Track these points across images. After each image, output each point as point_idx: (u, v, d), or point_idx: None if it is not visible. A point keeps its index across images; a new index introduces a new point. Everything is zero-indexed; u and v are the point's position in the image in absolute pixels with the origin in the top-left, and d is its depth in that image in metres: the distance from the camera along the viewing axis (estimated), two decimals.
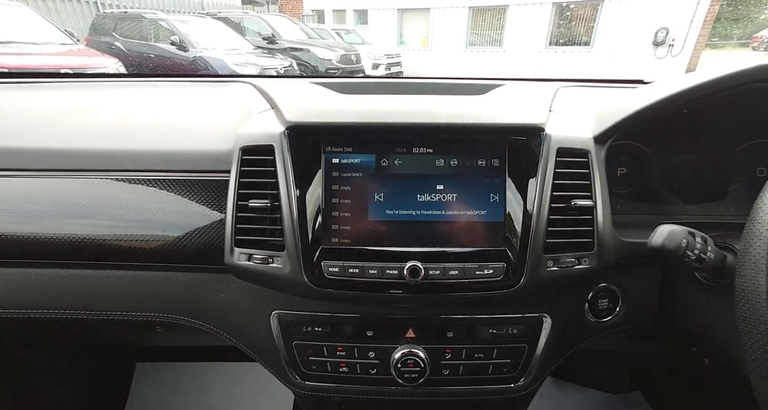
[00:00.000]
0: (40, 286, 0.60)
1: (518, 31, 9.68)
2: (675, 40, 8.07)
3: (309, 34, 8.32)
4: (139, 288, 0.59)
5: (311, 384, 0.59)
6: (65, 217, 0.56)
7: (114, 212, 0.56)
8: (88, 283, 0.59)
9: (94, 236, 0.56)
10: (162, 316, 0.61)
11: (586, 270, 0.52)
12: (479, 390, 0.59)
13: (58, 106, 0.73)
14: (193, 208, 0.56)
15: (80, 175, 0.57)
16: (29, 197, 0.57)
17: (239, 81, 0.77)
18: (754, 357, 0.34)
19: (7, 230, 0.56)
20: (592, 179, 0.52)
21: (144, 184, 0.57)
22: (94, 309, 0.60)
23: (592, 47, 9.05)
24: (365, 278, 0.51)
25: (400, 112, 0.54)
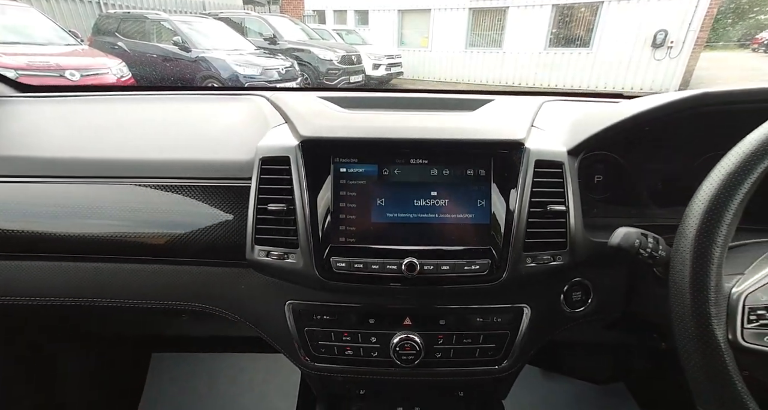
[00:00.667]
0: (87, 278, 0.67)
1: (518, 32, 9.72)
2: (674, 42, 8.12)
3: (310, 35, 8.35)
4: (172, 280, 0.67)
5: (320, 365, 0.66)
6: (108, 218, 0.64)
7: (149, 214, 0.64)
8: (130, 275, 0.67)
9: (133, 235, 0.63)
10: (191, 305, 0.68)
11: (560, 266, 0.59)
12: (468, 371, 0.66)
13: (98, 119, 0.81)
14: (217, 211, 0.63)
15: (120, 182, 0.65)
16: (78, 201, 0.64)
17: (254, 94, 0.84)
18: (679, 334, 0.40)
19: (58, 229, 0.64)
20: (565, 187, 0.59)
21: (175, 190, 0.64)
22: (134, 298, 0.68)
23: (591, 49, 9.10)
24: (368, 273, 0.57)
25: (399, 128, 0.61)
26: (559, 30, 9.49)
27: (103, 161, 0.66)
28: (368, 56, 8.32)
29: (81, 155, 0.67)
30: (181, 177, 0.64)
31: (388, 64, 8.84)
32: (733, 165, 0.39)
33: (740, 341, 0.38)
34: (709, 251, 0.38)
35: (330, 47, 7.68)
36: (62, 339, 1.05)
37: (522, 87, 9.86)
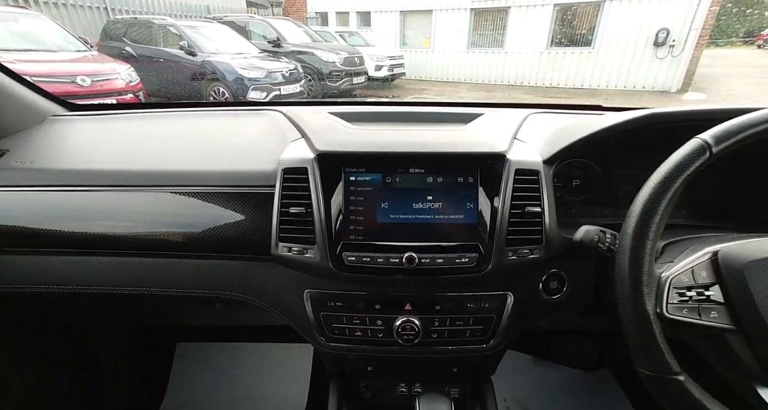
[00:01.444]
0: (135, 271, 0.77)
1: (519, 32, 9.75)
2: (675, 40, 8.13)
3: (313, 37, 8.41)
4: (208, 272, 0.77)
5: (334, 345, 0.76)
6: (152, 221, 0.73)
7: (187, 217, 0.73)
8: (172, 268, 0.77)
9: (173, 234, 0.73)
10: (225, 293, 0.78)
11: (538, 259, 0.68)
12: (460, 349, 0.75)
13: (138, 135, 0.92)
14: (245, 214, 0.73)
15: (161, 190, 0.74)
16: (125, 207, 0.74)
17: (271, 109, 0.94)
18: (621, 309, 0.49)
19: (109, 230, 0.74)
20: (540, 191, 0.69)
21: (208, 196, 0.74)
22: (177, 287, 0.79)
23: (593, 48, 9.12)
24: (375, 265, 0.67)
25: (399, 143, 0.71)
26: (560, 29, 9.52)
27: (146, 172, 0.76)
28: (371, 58, 8.40)
29: (127, 167, 0.77)
30: (214, 185, 0.74)
31: (391, 65, 8.92)
32: (657, 181, 0.49)
33: (665, 313, 0.47)
34: (643, 245, 0.47)
35: (333, 49, 7.74)
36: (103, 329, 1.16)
37: (523, 87, 9.89)
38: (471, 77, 10.64)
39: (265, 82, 5.80)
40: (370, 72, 8.33)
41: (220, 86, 5.83)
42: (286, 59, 6.67)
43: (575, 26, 9.42)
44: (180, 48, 5.86)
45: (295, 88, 6.22)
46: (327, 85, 7.36)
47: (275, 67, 6.05)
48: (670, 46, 8.23)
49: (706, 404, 0.45)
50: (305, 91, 6.51)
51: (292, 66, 6.34)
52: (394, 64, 9.02)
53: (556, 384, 1.32)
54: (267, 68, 5.92)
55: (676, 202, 0.73)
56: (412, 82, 10.40)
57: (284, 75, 6.06)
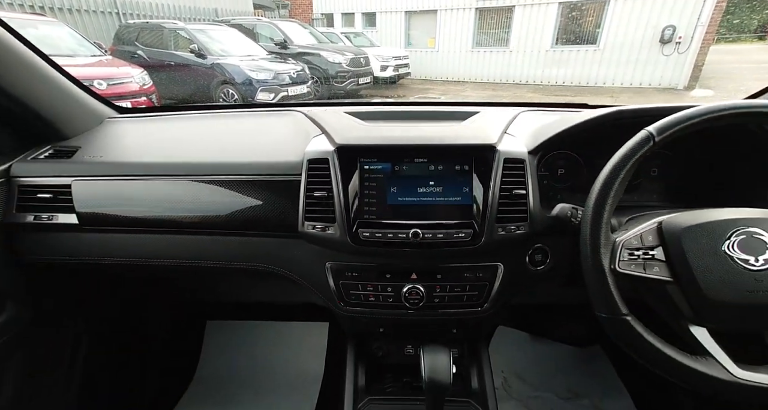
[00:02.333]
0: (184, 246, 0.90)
1: (524, 31, 9.77)
2: (682, 37, 8.09)
3: (319, 39, 8.53)
4: (245, 248, 0.89)
5: (351, 309, 0.87)
6: (196, 204, 0.85)
7: (226, 201, 0.85)
8: (214, 244, 0.89)
9: (215, 216, 0.85)
10: (259, 265, 0.90)
11: (524, 234, 0.78)
12: (457, 313, 0.86)
13: (180, 133, 1.05)
14: (275, 198, 0.84)
15: (203, 178, 0.86)
16: (174, 193, 0.86)
17: (293, 110, 1.07)
18: (583, 266, 0.59)
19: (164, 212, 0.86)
20: (525, 177, 0.79)
21: (244, 184, 0.85)
22: (224, 260, 0.90)
23: (598, 46, 9.11)
24: (385, 240, 0.77)
25: (406, 137, 0.83)
26: (566, 27, 9.52)
27: (192, 164, 0.87)
28: (376, 58, 8.48)
29: (176, 159, 0.89)
30: (248, 174, 0.85)
31: (396, 65, 8.99)
32: (611, 165, 0.60)
33: (617, 268, 0.57)
34: (600, 216, 0.58)
35: (338, 50, 7.85)
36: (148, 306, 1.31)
37: (529, 85, 9.90)
38: (476, 76, 10.68)
39: (273, 84, 5.93)
40: (376, 72, 8.41)
41: (229, 88, 5.97)
42: (293, 61, 6.78)
43: (580, 24, 9.42)
44: (190, 51, 6.02)
45: (302, 89, 6.34)
46: (333, 85, 7.48)
47: (283, 69, 6.18)
48: (677, 43, 8.19)
49: (648, 338, 0.55)
50: (312, 92, 6.63)
51: (299, 67, 6.46)
52: (399, 64, 9.10)
53: (551, 358, 1.42)
54: (275, 70, 6.04)
55: (653, 189, 0.83)
56: (417, 82, 10.47)
57: (291, 76, 6.18)
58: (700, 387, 0.54)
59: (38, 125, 0.91)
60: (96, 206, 0.85)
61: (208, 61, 5.97)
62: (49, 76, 0.91)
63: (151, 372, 1.32)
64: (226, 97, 6.02)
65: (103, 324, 1.17)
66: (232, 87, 5.93)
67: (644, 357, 0.57)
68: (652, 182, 0.89)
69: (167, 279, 1.15)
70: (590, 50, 9.24)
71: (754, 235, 0.54)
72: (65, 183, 0.85)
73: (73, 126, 0.97)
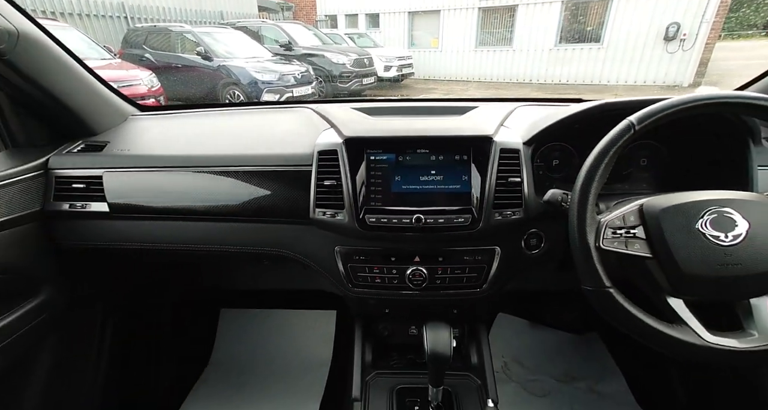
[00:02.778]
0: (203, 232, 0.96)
1: (528, 29, 9.76)
2: (686, 34, 8.06)
3: (323, 40, 8.60)
4: (260, 234, 0.95)
5: (358, 290, 0.92)
6: (215, 193, 0.92)
7: (243, 190, 0.91)
8: (235, 231, 0.95)
9: (233, 205, 0.91)
10: (273, 250, 0.95)
11: (519, 219, 0.83)
12: (458, 293, 0.91)
13: (199, 129, 1.12)
14: (288, 187, 0.90)
15: (222, 169, 0.92)
16: (194, 183, 0.92)
17: (304, 107, 1.12)
18: (572, 244, 0.64)
19: (187, 201, 0.92)
20: (520, 166, 0.84)
21: (259, 174, 0.91)
22: (240, 245, 0.96)
23: (602, 44, 9.10)
24: (390, 225, 0.82)
25: (409, 129, 0.88)
26: (569, 26, 9.51)
27: (210, 157, 0.93)
28: (380, 58, 8.53)
29: (195, 153, 0.95)
30: (263, 165, 0.91)
31: (399, 66, 9.04)
32: (596, 152, 0.65)
33: (602, 245, 0.62)
34: (586, 198, 0.63)
35: (342, 51, 7.92)
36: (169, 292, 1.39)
37: (533, 84, 9.91)
38: (480, 76, 10.70)
39: (278, 85, 6.01)
40: (379, 73, 8.47)
41: (235, 89, 6.06)
42: (297, 62, 6.86)
43: (584, 22, 9.40)
44: (197, 54, 6.13)
45: (307, 90, 6.42)
46: (337, 86, 7.54)
47: (287, 70, 6.26)
48: (681, 40, 8.16)
49: (629, 309, 0.60)
50: (316, 92, 6.71)
51: (303, 68, 6.54)
52: (402, 64, 9.14)
53: (549, 344, 1.47)
54: (280, 71, 6.13)
55: (643, 178, 0.88)
56: (421, 82, 10.51)
57: (296, 77, 6.26)
58: (676, 351, 0.59)
59: (71, 122, 0.98)
60: (125, 195, 0.92)
61: (214, 63, 6.07)
62: (82, 76, 0.97)
63: (169, 356, 1.39)
64: (232, 98, 6.12)
65: (127, 310, 1.24)
66: (238, 88, 6.02)
67: (625, 325, 0.62)
68: (641, 171, 0.94)
69: (187, 265, 1.22)
70: (594, 48, 9.22)
71: (724, 214, 0.59)
72: (97, 174, 0.92)
73: (101, 123, 1.04)
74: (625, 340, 1.38)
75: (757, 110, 0.61)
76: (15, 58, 0.79)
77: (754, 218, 0.59)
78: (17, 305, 0.87)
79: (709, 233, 0.59)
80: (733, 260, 0.58)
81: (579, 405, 1.31)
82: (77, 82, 0.95)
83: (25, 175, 0.87)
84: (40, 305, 0.92)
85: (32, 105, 0.92)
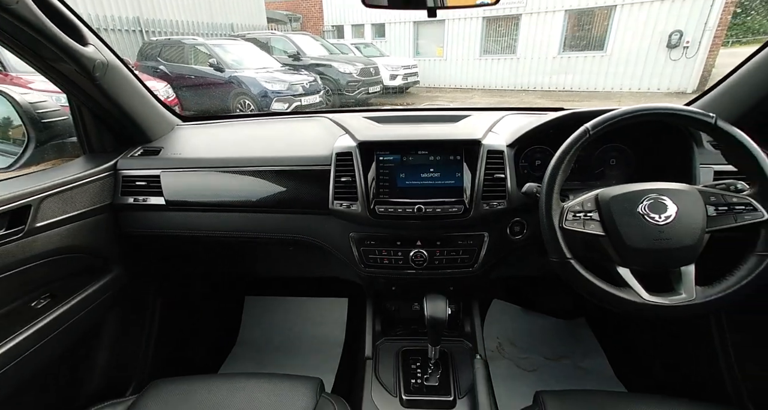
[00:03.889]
0: (243, 221, 1.11)
1: (532, 38, 9.90)
2: (689, 41, 8.13)
3: (330, 50, 8.83)
4: (289, 223, 1.10)
5: (369, 270, 1.06)
6: (251, 189, 1.07)
7: (274, 186, 1.06)
8: (266, 220, 1.10)
9: (266, 197, 1.06)
10: (298, 236, 1.11)
11: (503, 209, 0.97)
12: (453, 272, 1.05)
13: (234, 136, 1.28)
14: (310, 183, 1.04)
15: (255, 168, 1.07)
16: (237, 180, 1.08)
17: (322, 116, 1.28)
18: (541, 225, 0.77)
19: (228, 196, 1.08)
20: (504, 165, 0.97)
21: (287, 173, 1.06)
22: (271, 232, 1.12)
23: (606, 51, 9.20)
24: (396, 214, 0.96)
25: (411, 134, 1.04)
26: (573, 34, 9.63)
27: (245, 158, 1.09)
28: (385, 68, 8.71)
29: (233, 155, 1.11)
30: (290, 165, 1.06)
31: (405, 75, 9.20)
32: (559, 152, 0.79)
33: (564, 226, 0.75)
34: (552, 188, 0.77)
35: (349, 61, 8.14)
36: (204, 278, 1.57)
37: (537, 91, 10.01)
38: (484, 84, 10.84)
39: (287, 94, 6.22)
40: (385, 81, 8.65)
41: (245, 99, 6.27)
42: (305, 72, 7.07)
43: (587, 30, 9.52)
44: (209, 65, 6.37)
45: (315, 99, 6.61)
46: (344, 95, 7.75)
47: (296, 80, 6.48)
48: (684, 48, 8.22)
49: (586, 275, 0.74)
50: (324, 101, 6.90)
51: (311, 78, 6.75)
52: (408, 73, 9.31)
53: (540, 328, 1.62)
54: (288, 81, 6.34)
55: (613, 175, 1.01)
56: (425, 90, 10.68)
57: (304, 87, 6.47)
58: (622, 308, 0.72)
59: (134, 131, 1.15)
60: (177, 191, 1.08)
61: (226, 73, 6.30)
62: (143, 93, 1.13)
63: (203, 336, 1.56)
64: (243, 107, 6.32)
65: (172, 291, 1.41)
66: (248, 98, 6.23)
67: (583, 289, 0.75)
68: (612, 170, 1.07)
69: (221, 255, 1.37)
70: (597, 56, 9.32)
71: (659, 200, 0.73)
72: (155, 174, 1.09)
73: (155, 132, 1.21)
74: (609, 325, 1.53)
75: (673, 117, 0.76)
76: (104, 82, 0.97)
77: (682, 204, 0.72)
78: (96, 280, 1.05)
79: (647, 215, 0.73)
80: (665, 236, 0.71)
81: (564, 378, 1.44)
82: (139, 99, 1.12)
83: (100, 175, 1.05)
84: (111, 281, 1.09)
85: (107, 118, 1.08)
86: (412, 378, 1.03)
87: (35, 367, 0.86)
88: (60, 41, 0.80)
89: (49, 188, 0.88)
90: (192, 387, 0.83)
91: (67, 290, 0.96)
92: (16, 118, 0.96)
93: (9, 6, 0.68)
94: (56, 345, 0.90)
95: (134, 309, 1.26)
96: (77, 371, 1.08)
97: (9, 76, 4.52)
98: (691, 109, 0.75)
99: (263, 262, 1.44)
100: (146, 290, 1.29)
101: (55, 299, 0.92)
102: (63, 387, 1.05)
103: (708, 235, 0.72)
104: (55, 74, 0.89)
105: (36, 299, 0.90)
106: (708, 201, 0.73)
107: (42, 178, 0.90)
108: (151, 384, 0.85)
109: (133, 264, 1.17)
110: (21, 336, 0.81)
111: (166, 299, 1.35)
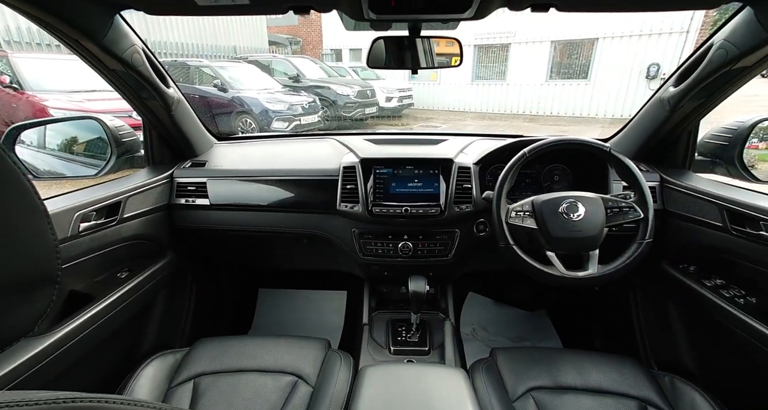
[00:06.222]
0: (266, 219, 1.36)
1: (520, 66, 10.40)
2: (665, 74, 8.66)
3: (329, 73, 9.19)
4: (304, 221, 1.37)
5: (366, 258, 1.32)
6: (275, 194, 1.33)
7: (293, 192, 1.33)
8: (286, 218, 1.36)
9: (287, 200, 1.33)
10: (311, 231, 1.36)
11: (470, 212, 1.23)
12: (432, 261, 1.32)
13: (260, 152, 1.56)
14: (323, 190, 1.30)
15: (279, 179, 1.34)
16: (266, 187, 1.34)
17: (329, 137, 1.56)
18: (492, 221, 1.05)
19: (260, 199, 1.33)
20: (471, 178, 1.24)
21: (303, 182, 1.33)
22: (290, 227, 1.37)
23: (589, 80, 9.71)
24: (388, 214, 1.23)
25: (401, 153, 1.31)
26: (559, 63, 10.17)
27: (272, 170, 1.36)
28: (381, 90, 9.01)
29: (262, 167, 1.37)
30: (306, 176, 1.31)
31: (400, 97, 9.53)
32: (506, 169, 1.07)
33: (508, 221, 1.03)
34: (500, 195, 1.04)
35: (347, 83, 8.49)
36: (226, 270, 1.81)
37: (525, 115, 10.44)
38: (476, 107, 11.25)
39: (287, 114, 6.51)
40: (381, 103, 8.96)
41: (247, 118, 6.56)
42: (305, 93, 7.40)
43: (573, 60, 10.06)
44: (214, 86, 6.67)
45: (314, 119, 6.91)
46: (342, 115, 8.07)
47: (296, 101, 6.79)
48: (662, 79, 8.75)
49: (523, 256, 1.01)
50: (322, 121, 7.19)
51: (310, 99, 7.08)
52: (403, 96, 9.64)
53: (508, 317, 1.89)
54: (289, 102, 6.64)
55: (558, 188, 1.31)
56: (419, 112, 11.08)
57: (304, 107, 6.78)
58: (549, 280, 0.99)
59: (186, 148, 1.41)
60: (220, 195, 1.34)
61: (229, 94, 6.58)
62: (193, 117, 1.38)
63: (226, 319, 1.80)
64: (244, 125, 6.60)
65: (204, 279, 1.64)
66: (250, 117, 6.50)
67: (520, 267, 1.01)
68: (556, 184, 1.36)
69: (249, 246, 1.62)
70: (582, 84, 9.79)
71: (574, 203, 1.00)
72: (203, 181, 1.34)
73: (200, 148, 1.47)
74: (564, 314, 1.82)
75: (583, 146, 1.04)
76: (175, 113, 1.23)
77: (589, 207, 1.00)
78: (155, 262, 1.27)
79: (565, 214, 1.00)
80: (577, 229, 0.99)
81: None
82: (191, 122, 1.37)
83: (162, 181, 1.30)
84: (166, 264, 1.31)
85: (168, 138, 1.34)
86: (398, 336, 1.30)
87: (116, 324, 1.07)
88: (155, 85, 1.09)
89: (131, 190, 1.15)
90: (229, 342, 1.07)
91: (138, 267, 1.20)
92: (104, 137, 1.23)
93: (137, 67, 0.99)
94: (131, 307, 1.12)
95: (178, 288, 1.50)
96: (140, 329, 1.32)
97: (25, 94, 4.78)
98: (593, 141, 1.05)
99: (279, 256, 1.68)
100: (186, 276, 1.54)
101: (131, 273, 1.17)
102: (131, 341, 1.29)
103: (606, 229, 1.00)
104: (144, 107, 1.18)
105: (120, 271, 1.16)
106: (607, 205, 1.01)
107: (124, 183, 1.18)
108: (198, 341, 1.09)
109: (181, 253, 1.43)
110: (112, 296, 1.04)
111: (200, 284, 1.61)
